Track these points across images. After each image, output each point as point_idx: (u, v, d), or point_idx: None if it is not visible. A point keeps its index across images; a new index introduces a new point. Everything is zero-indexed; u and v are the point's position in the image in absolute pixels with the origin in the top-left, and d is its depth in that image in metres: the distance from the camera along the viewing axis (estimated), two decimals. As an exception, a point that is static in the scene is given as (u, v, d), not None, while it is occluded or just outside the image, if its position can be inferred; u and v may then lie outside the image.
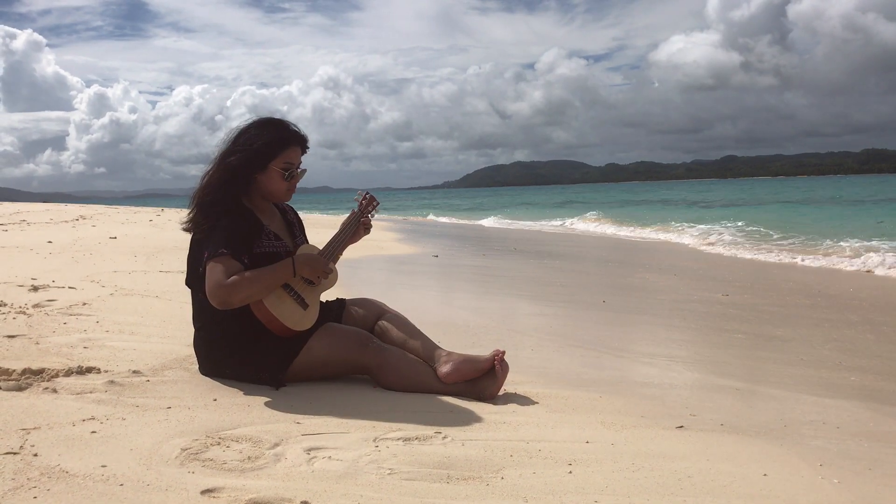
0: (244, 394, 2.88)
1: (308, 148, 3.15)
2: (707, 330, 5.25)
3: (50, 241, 10.23)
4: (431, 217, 35.59)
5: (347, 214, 3.33)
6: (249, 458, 2.19)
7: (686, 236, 17.12)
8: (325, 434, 2.44)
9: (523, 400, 3.03)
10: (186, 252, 3.13)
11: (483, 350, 3.21)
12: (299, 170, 3.12)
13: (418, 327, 3.30)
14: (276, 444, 2.31)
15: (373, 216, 3.35)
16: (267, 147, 3.02)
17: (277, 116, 3.18)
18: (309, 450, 2.27)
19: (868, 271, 9.41)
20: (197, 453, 2.20)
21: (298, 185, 3.17)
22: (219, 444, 2.29)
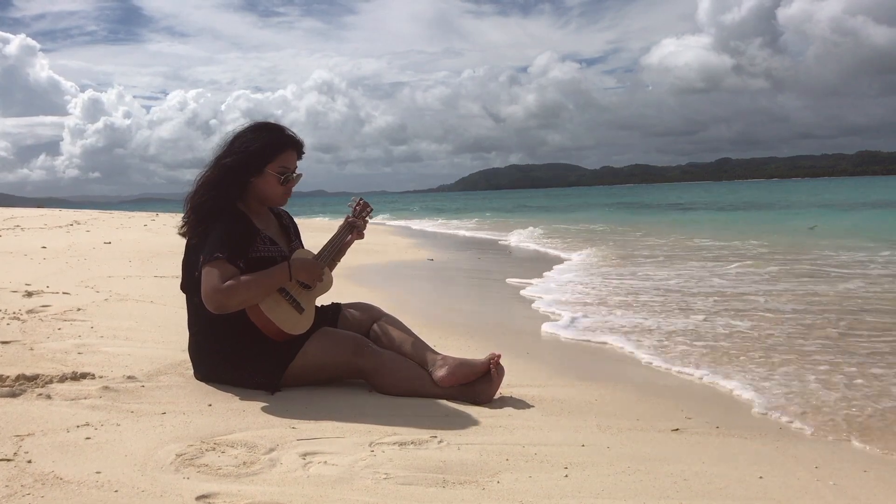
0: (239, 399, 2.88)
1: (304, 152, 3.15)
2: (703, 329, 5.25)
3: (44, 247, 10.20)
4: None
5: (342, 219, 3.33)
6: (245, 463, 2.19)
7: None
8: (320, 439, 2.44)
9: (519, 403, 3.03)
10: (181, 257, 3.12)
11: (478, 353, 3.21)
12: (295, 174, 3.12)
13: (414, 330, 3.30)
14: (272, 450, 2.30)
15: (367, 221, 3.35)
16: (263, 150, 3.03)
17: (273, 121, 3.18)
18: (304, 455, 2.27)
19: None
20: (192, 459, 2.19)
21: (294, 189, 3.16)
22: (214, 449, 2.29)
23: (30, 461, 2.10)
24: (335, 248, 3.20)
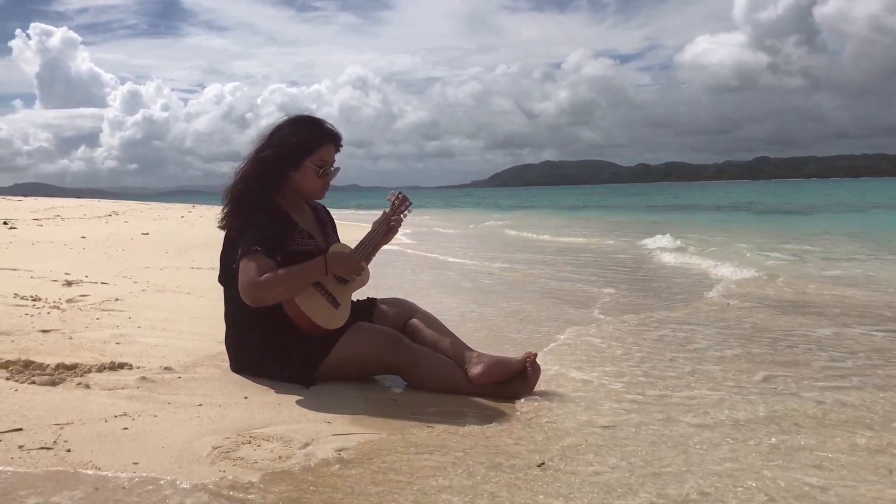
0: (275, 392, 2.88)
1: (342, 146, 3.15)
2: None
3: (83, 237, 10.37)
4: None
5: (379, 214, 3.31)
6: (280, 457, 2.18)
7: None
8: (355, 434, 2.43)
9: (553, 397, 2.98)
10: (218, 249, 3.14)
11: (514, 353, 3.18)
12: (333, 168, 3.12)
13: (448, 327, 3.28)
14: (307, 444, 2.30)
15: (405, 216, 3.33)
16: (302, 144, 3.02)
17: (309, 114, 3.18)
18: (339, 450, 2.26)
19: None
20: (228, 452, 2.20)
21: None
22: (250, 442, 2.29)
23: (69, 450, 2.11)
24: (372, 243, 3.18)
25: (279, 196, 3.08)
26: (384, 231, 3.23)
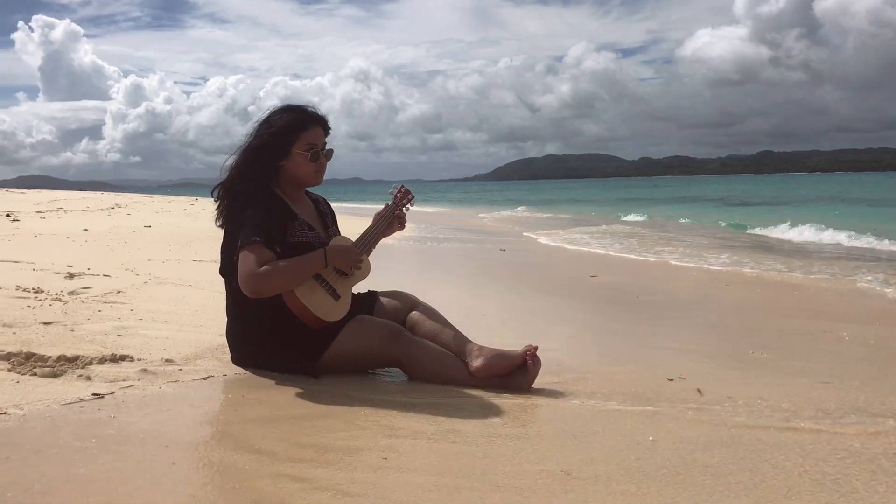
0: (275, 384, 2.88)
1: (329, 128, 3.14)
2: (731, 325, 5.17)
3: (86, 229, 10.38)
4: None
5: (382, 207, 3.31)
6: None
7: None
8: (357, 425, 2.43)
9: (554, 393, 2.99)
10: (220, 241, 3.13)
11: (515, 345, 3.17)
12: (325, 150, 3.12)
13: (450, 320, 3.27)
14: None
15: (408, 210, 3.32)
16: (286, 132, 3.03)
17: (293, 103, 3.17)
18: (342, 441, 2.26)
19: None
20: (228, 444, 2.20)
21: (332, 176, 3.15)
22: (250, 434, 2.29)
23: (70, 442, 2.12)
24: (373, 236, 3.18)
25: (277, 188, 3.08)
26: (386, 224, 3.23)
